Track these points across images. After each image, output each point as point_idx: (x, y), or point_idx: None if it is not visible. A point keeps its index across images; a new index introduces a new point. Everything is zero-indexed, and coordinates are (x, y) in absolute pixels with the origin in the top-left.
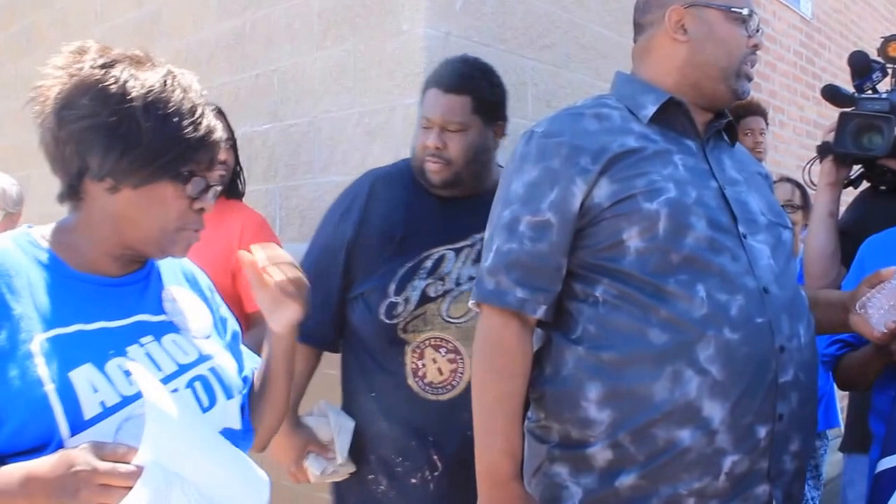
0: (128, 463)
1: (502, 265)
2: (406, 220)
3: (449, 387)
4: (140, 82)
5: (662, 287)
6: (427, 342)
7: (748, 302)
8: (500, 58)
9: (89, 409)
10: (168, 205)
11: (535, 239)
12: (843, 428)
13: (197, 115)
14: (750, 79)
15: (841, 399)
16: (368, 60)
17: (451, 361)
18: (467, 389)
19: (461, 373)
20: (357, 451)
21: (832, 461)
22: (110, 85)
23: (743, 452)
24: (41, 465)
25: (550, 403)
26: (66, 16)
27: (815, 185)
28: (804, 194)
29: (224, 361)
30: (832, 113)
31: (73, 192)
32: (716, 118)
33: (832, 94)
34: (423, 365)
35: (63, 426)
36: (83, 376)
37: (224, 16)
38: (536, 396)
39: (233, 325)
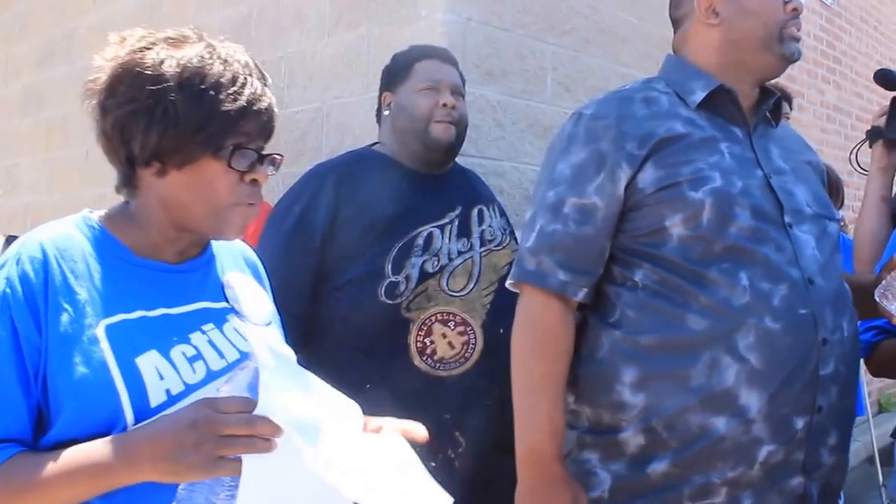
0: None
1: (546, 246)
2: (389, 201)
3: (462, 360)
4: (176, 60)
5: (704, 274)
6: (433, 318)
7: (792, 292)
8: (520, 42)
9: (155, 397)
10: (215, 181)
11: (580, 222)
12: (869, 416)
13: (238, 85)
14: (797, 39)
15: (868, 383)
16: (384, 46)
17: (462, 334)
18: (480, 360)
19: (473, 344)
20: None
21: (854, 449)
22: (147, 68)
23: (779, 443)
24: (148, 427)
25: (584, 386)
26: (62, 2)
27: (863, 170)
28: (835, 182)
29: (283, 350)
30: (852, 98)
31: (127, 181)
32: (762, 100)
33: (885, 78)
34: (432, 342)
35: (129, 412)
36: (149, 362)
37: (230, 1)
38: (569, 379)
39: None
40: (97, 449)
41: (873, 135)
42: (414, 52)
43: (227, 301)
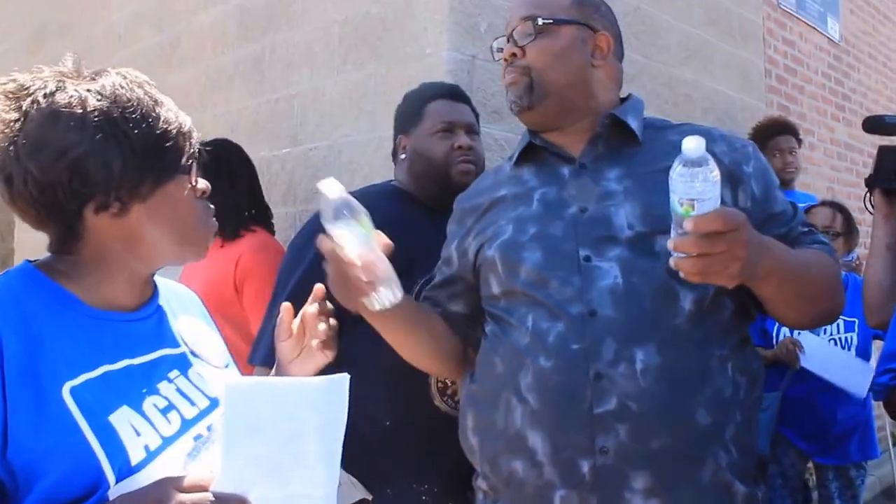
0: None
1: None
2: (411, 238)
3: None
4: (101, 93)
5: (509, 321)
6: None
7: (568, 328)
8: None
9: (135, 455)
10: (181, 202)
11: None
12: (890, 448)
13: (165, 105)
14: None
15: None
16: (390, 84)
17: None
18: None
19: None
20: (396, 486)
21: (869, 483)
22: (76, 108)
23: (569, 487)
24: None
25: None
26: (90, 41)
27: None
28: (847, 219)
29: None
30: (863, 134)
31: (70, 235)
32: (611, 127)
33: (874, 126)
34: (453, 382)
35: (110, 474)
36: (123, 419)
37: (243, 41)
38: None
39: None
40: None
41: (870, 183)
42: (425, 92)
43: (185, 345)
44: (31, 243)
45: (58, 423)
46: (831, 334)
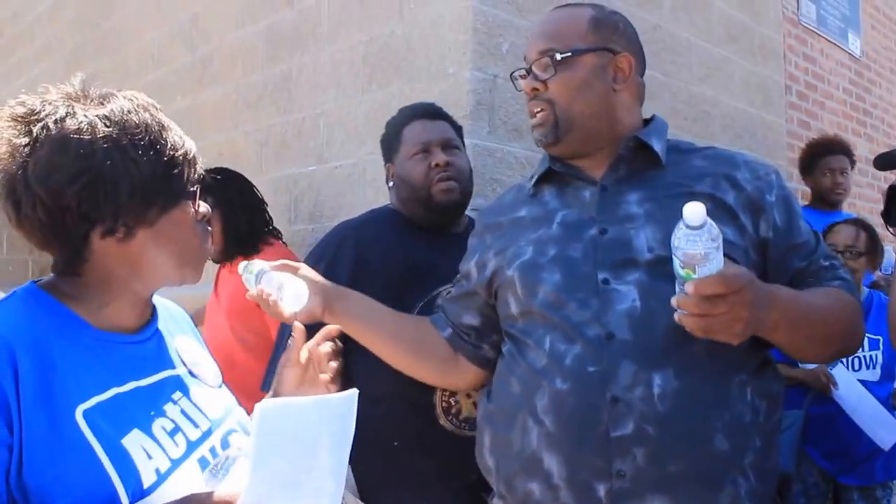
0: None
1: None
2: (409, 260)
3: None
4: (110, 119)
5: (526, 342)
6: None
7: (585, 350)
8: None
9: (147, 478)
10: (185, 227)
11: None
12: None
13: (172, 130)
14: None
15: None
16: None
17: None
18: None
19: None
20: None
21: None
22: (85, 134)
23: None
24: None
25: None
26: (126, 61)
27: None
28: (871, 237)
29: (242, 413)
30: (884, 150)
31: (76, 257)
32: (635, 150)
33: (886, 163)
34: (457, 401)
35: (124, 497)
36: (135, 442)
37: (272, 61)
38: None
39: None
40: None
41: (885, 219)
42: (401, 116)
43: (184, 365)
44: None
45: (72, 446)
46: (856, 353)
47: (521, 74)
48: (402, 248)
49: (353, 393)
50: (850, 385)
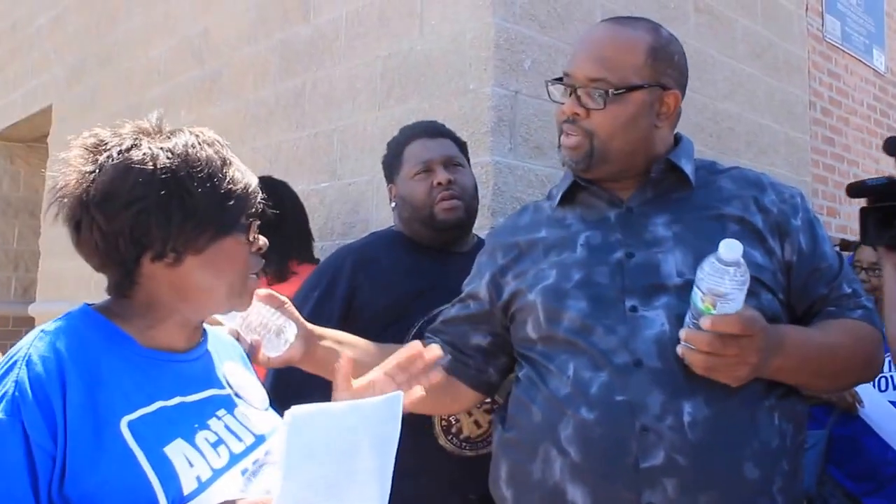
0: None
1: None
2: (408, 281)
3: (490, 438)
4: (172, 152)
5: (548, 367)
6: None
7: (612, 379)
8: None
9: (188, 485)
10: (234, 257)
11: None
12: None
13: (231, 165)
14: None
15: None
16: (433, 119)
17: (489, 412)
18: None
19: None
20: None
21: None
22: (147, 164)
23: None
24: None
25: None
26: (130, 75)
27: None
28: None
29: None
30: None
31: (127, 279)
32: (665, 172)
33: (857, 191)
34: (457, 420)
35: (163, 502)
36: (178, 451)
37: (284, 75)
38: None
39: None
40: None
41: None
42: (402, 135)
43: (230, 387)
44: (54, 274)
45: (115, 454)
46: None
47: (556, 85)
48: (404, 269)
49: (398, 395)
50: (877, 403)
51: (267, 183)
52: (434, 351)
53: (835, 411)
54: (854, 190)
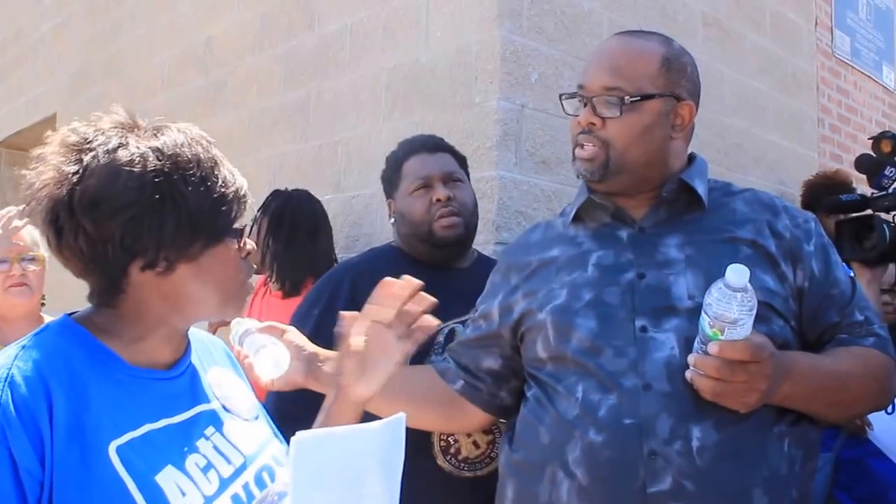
0: None
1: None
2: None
3: (488, 459)
4: (162, 152)
5: (556, 388)
6: None
7: (621, 401)
8: None
9: None
10: (227, 263)
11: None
12: None
13: (224, 165)
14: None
15: None
16: (438, 132)
17: (487, 433)
18: None
19: (499, 443)
20: None
21: None
22: (136, 166)
23: None
24: None
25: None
26: (134, 83)
27: None
28: None
29: (278, 447)
30: None
31: (112, 288)
32: (678, 192)
33: (833, 207)
34: (456, 441)
35: None
36: (169, 479)
37: (289, 85)
38: None
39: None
40: None
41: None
42: (400, 150)
43: (217, 399)
44: (58, 283)
45: (105, 482)
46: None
47: (571, 98)
48: None
49: (400, 417)
50: (887, 426)
51: (304, 197)
52: (412, 283)
53: (842, 434)
54: (829, 206)
